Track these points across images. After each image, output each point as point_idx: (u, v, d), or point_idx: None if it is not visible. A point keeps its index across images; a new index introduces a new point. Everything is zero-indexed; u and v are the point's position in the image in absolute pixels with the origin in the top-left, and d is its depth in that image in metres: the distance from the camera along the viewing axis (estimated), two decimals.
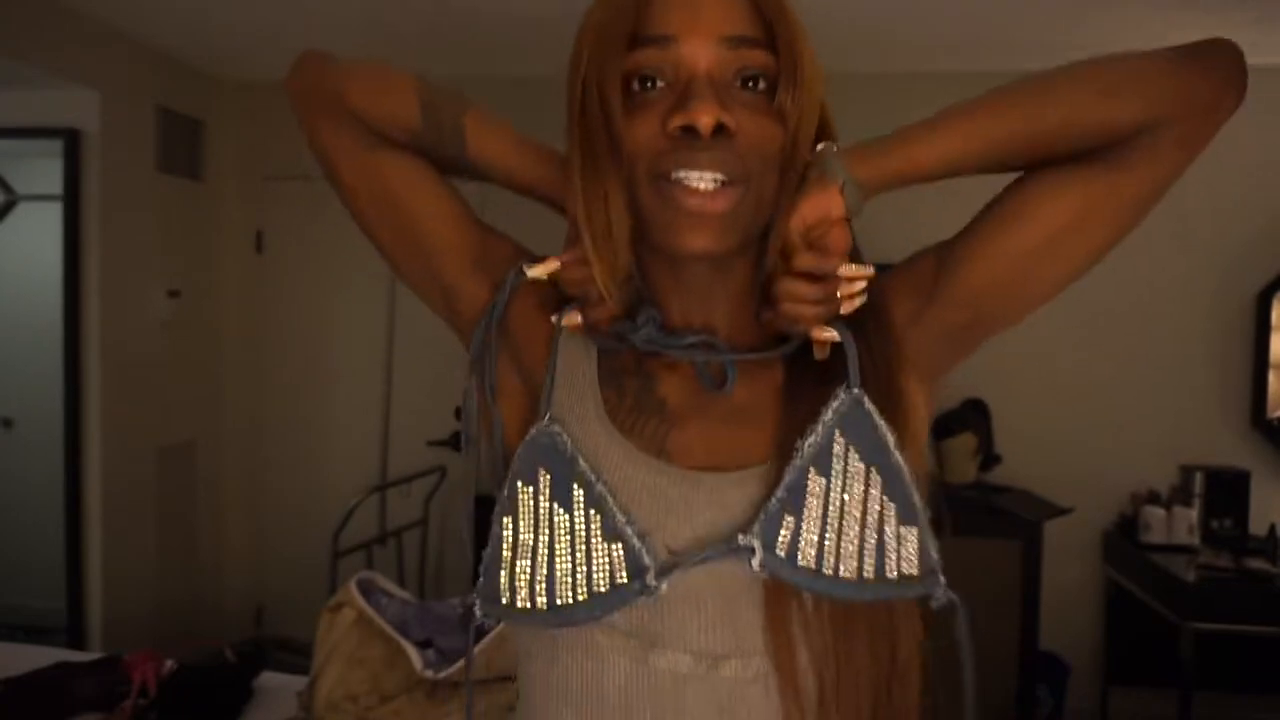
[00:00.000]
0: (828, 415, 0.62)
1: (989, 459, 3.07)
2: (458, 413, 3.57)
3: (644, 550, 0.61)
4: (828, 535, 0.60)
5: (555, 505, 0.64)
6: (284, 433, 3.67)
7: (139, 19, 2.93)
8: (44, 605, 3.57)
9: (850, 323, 0.66)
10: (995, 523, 2.77)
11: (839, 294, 0.64)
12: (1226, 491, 3.00)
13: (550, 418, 0.67)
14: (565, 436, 0.66)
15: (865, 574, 0.60)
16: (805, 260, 0.63)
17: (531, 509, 0.65)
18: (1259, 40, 2.86)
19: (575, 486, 0.64)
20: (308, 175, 3.68)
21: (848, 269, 0.64)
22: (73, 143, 2.93)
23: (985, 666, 2.79)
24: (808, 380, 0.66)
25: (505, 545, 0.65)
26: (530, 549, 0.64)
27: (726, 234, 0.62)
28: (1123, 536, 3.04)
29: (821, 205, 0.62)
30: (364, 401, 3.57)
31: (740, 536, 0.60)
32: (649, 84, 0.62)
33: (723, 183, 0.60)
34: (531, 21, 2.89)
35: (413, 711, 1.39)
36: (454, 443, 3.53)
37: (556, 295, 0.70)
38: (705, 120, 0.58)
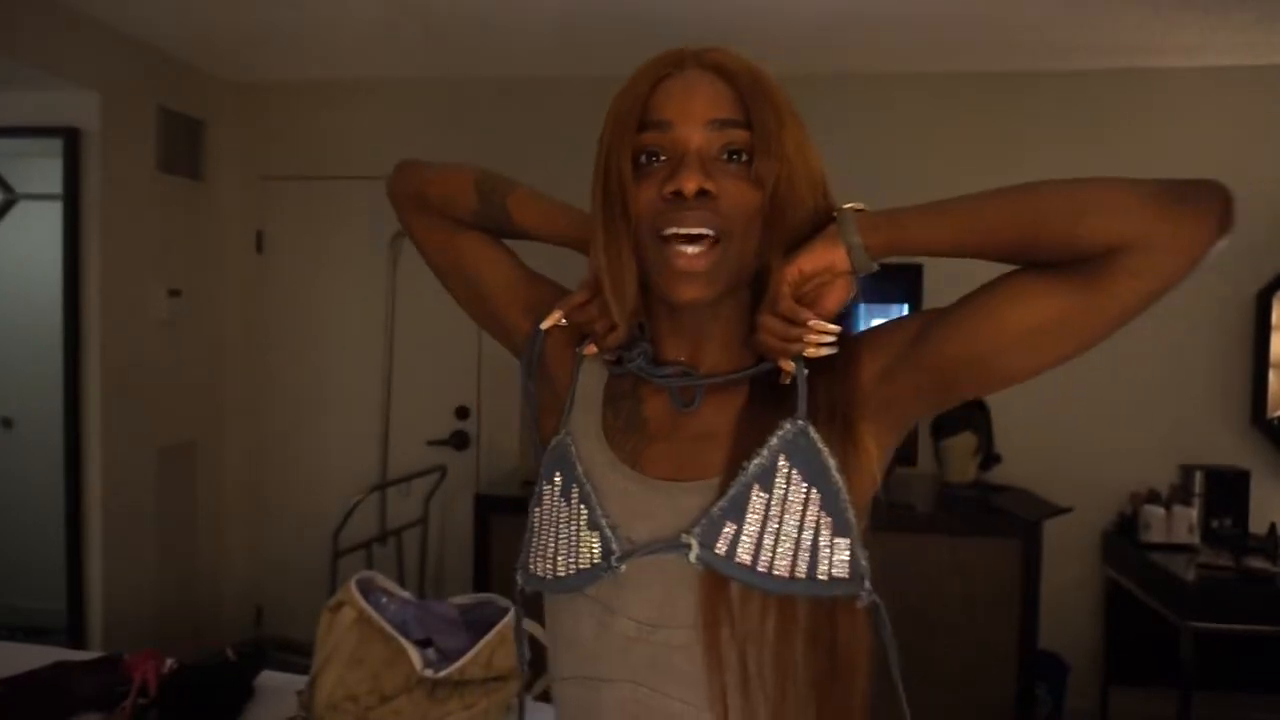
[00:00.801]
0: (773, 440, 0.75)
1: (989, 459, 3.07)
2: (458, 412, 3.58)
3: (613, 539, 0.78)
4: (765, 539, 0.73)
5: (561, 500, 0.83)
6: (284, 433, 3.67)
7: (139, 19, 2.93)
8: (44, 605, 3.57)
9: (818, 364, 0.77)
10: (995, 522, 2.77)
11: (807, 339, 0.75)
12: (1226, 491, 3.00)
13: (566, 431, 0.86)
14: (574, 446, 0.84)
15: (797, 573, 0.73)
16: (785, 305, 0.75)
17: (549, 502, 0.84)
18: (1259, 40, 2.86)
19: (574, 487, 0.82)
20: (308, 175, 3.71)
21: (817, 323, 0.75)
22: (73, 142, 2.93)
23: (984, 666, 2.80)
24: (765, 407, 0.79)
25: (533, 529, 0.85)
26: (547, 531, 0.83)
27: (710, 285, 0.76)
28: (1122, 536, 3.04)
29: (824, 259, 0.75)
30: (364, 401, 3.57)
31: (683, 535, 0.75)
32: (653, 159, 0.77)
33: (708, 239, 0.75)
34: (530, 23, 2.89)
35: (413, 711, 1.39)
36: (454, 442, 3.54)
37: (580, 331, 0.88)
38: (690, 186, 0.73)
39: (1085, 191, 0.69)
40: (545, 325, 0.87)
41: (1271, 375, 3.09)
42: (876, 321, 0.87)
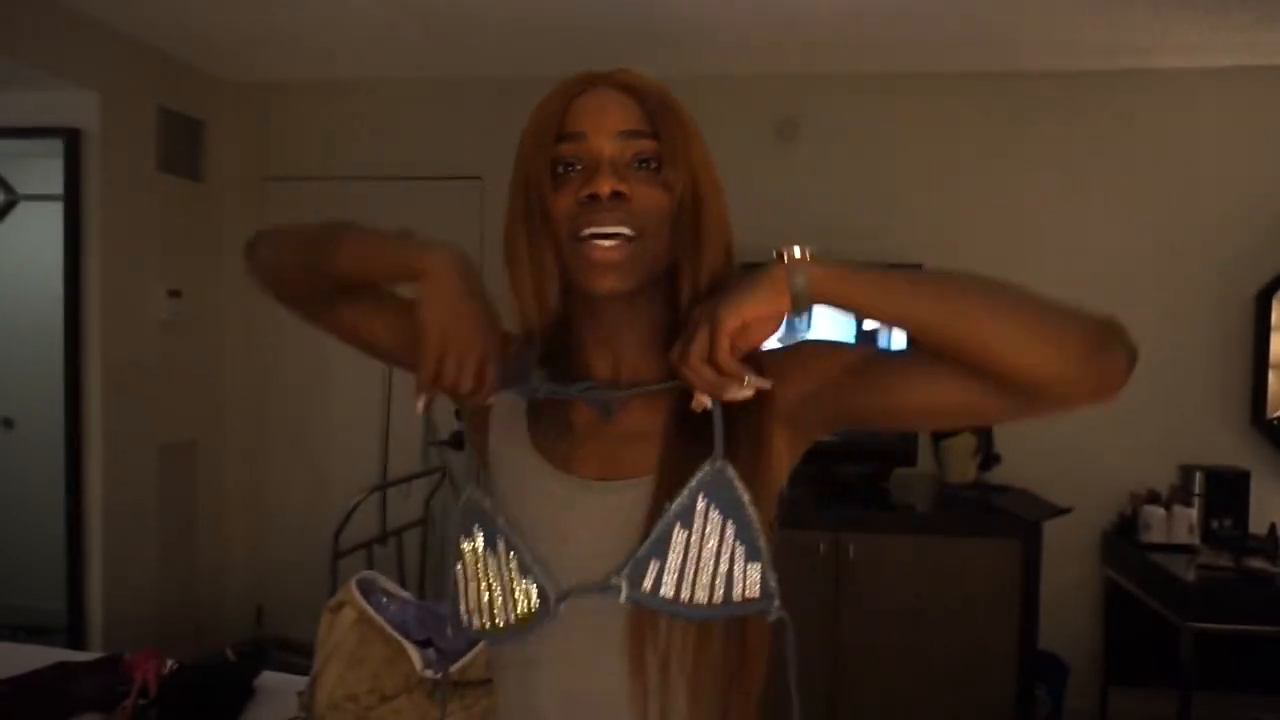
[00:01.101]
0: (693, 482, 0.80)
1: (988, 459, 3.07)
2: (458, 413, 3.57)
3: (549, 585, 0.83)
4: (687, 571, 0.80)
5: (487, 551, 0.86)
6: (284, 433, 3.67)
7: (139, 19, 2.93)
8: (45, 605, 3.57)
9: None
10: (994, 523, 2.77)
11: (732, 391, 0.77)
12: (1226, 491, 3.00)
13: (475, 488, 0.88)
14: (488, 500, 0.87)
15: (715, 600, 0.79)
16: (723, 359, 0.76)
17: (471, 557, 0.87)
18: (1259, 40, 2.86)
19: (498, 537, 0.85)
20: (308, 175, 3.70)
21: (753, 381, 0.77)
22: (73, 143, 2.94)
23: (984, 666, 2.80)
24: (688, 428, 0.82)
25: (458, 584, 0.88)
26: (477, 584, 0.86)
27: (626, 278, 0.81)
28: (1122, 536, 3.04)
29: (768, 308, 0.75)
30: (364, 401, 3.57)
31: (613, 579, 0.81)
32: (569, 169, 0.82)
33: (624, 237, 0.80)
34: (530, 23, 2.89)
35: (413, 711, 1.39)
36: (454, 443, 3.54)
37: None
38: (604, 189, 0.79)
39: (1016, 327, 0.73)
40: (420, 409, 0.85)
41: (1271, 375, 3.09)
42: (815, 336, 0.93)
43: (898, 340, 3.09)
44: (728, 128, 3.40)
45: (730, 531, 0.80)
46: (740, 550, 0.80)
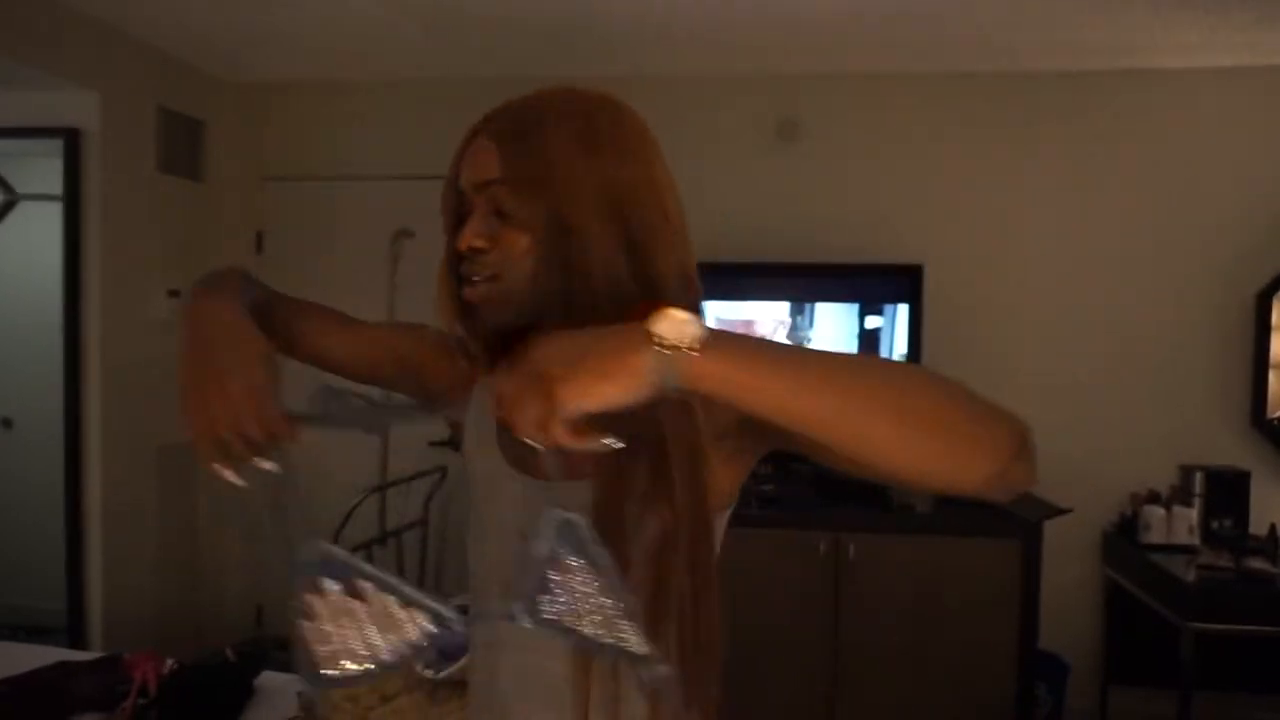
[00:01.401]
0: (547, 529, 0.73)
1: None
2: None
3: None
4: (572, 607, 0.72)
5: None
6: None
7: (139, 19, 2.93)
8: (45, 605, 3.57)
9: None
10: (995, 522, 2.77)
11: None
12: (1226, 491, 3.00)
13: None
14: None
15: (603, 640, 0.73)
16: (558, 437, 0.67)
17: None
18: (1259, 40, 2.86)
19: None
20: (308, 175, 3.70)
21: (599, 446, 0.69)
22: (73, 143, 2.93)
23: (984, 666, 2.80)
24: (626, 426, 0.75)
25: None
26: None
27: (492, 313, 0.87)
28: (1122, 536, 3.04)
29: (618, 397, 0.65)
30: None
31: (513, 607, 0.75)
32: (466, 213, 0.89)
33: (486, 277, 0.86)
34: (531, 23, 2.89)
35: (413, 711, 1.39)
36: (454, 443, 3.53)
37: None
38: (462, 244, 0.86)
39: (927, 453, 0.67)
40: (229, 478, 0.84)
41: (1271, 376, 3.09)
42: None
43: (899, 347, 3.09)
44: (728, 128, 3.40)
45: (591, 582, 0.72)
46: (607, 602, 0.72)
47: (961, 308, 3.20)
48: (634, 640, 0.73)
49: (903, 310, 3.09)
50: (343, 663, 0.79)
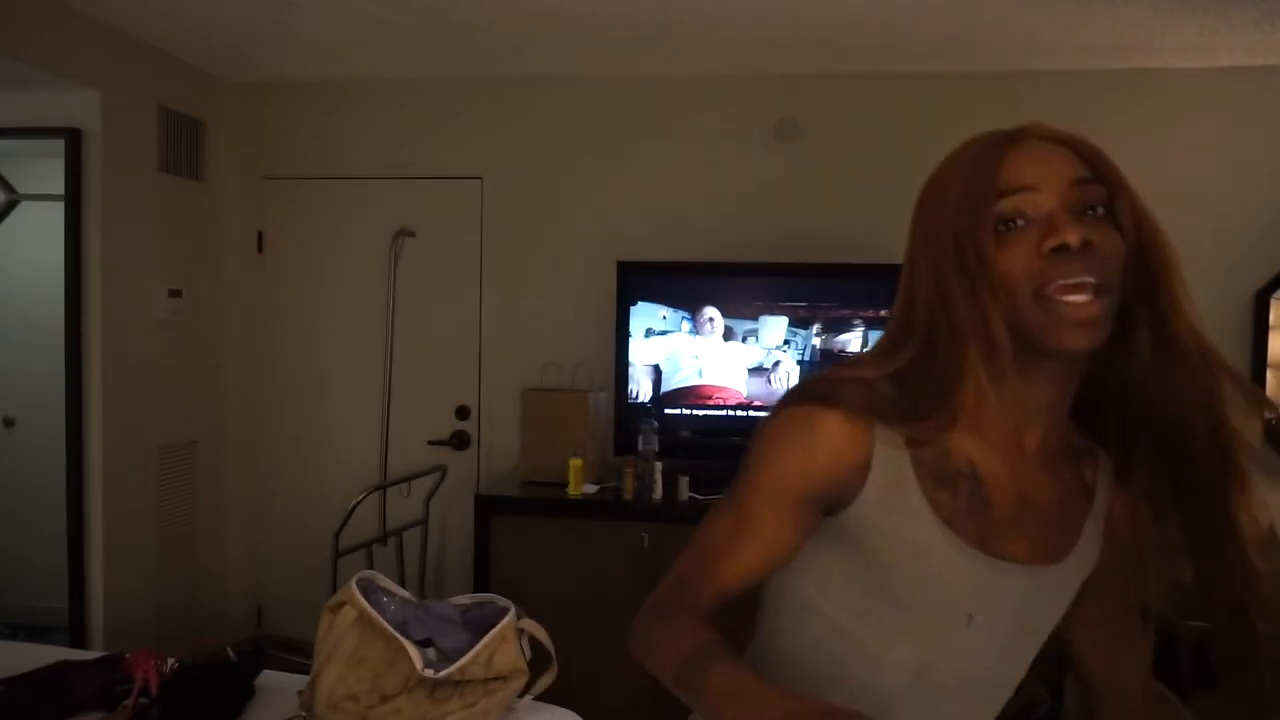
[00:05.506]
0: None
1: None
2: (458, 412, 3.58)
3: None
4: None
5: None
6: (284, 433, 3.67)
7: (139, 19, 2.94)
8: (46, 604, 3.58)
9: None
10: None
11: None
12: None
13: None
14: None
15: None
16: None
17: None
18: (1258, 40, 2.86)
19: None
20: (308, 175, 3.70)
21: None
22: (74, 142, 2.94)
23: None
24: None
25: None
26: None
27: (1100, 332, 0.77)
28: None
29: None
30: (364, 401, 3.58)
31: None
32: (1010, 225, 0.78)
33: (1094, 288, 0.75)
34: (529, 23, 2.89)
35: (413, 711, 1.39)
36: (454, 442, 3.54)
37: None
38: (1073, 238, 0.74)
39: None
40: None
41: (1270, 375, 3.09)
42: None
43: None
44: (728, 128, 3.40)
45: None
46: None
47: None
48: None
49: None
50: None
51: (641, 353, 3.15)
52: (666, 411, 3.11)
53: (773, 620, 0.92)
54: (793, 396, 0.85)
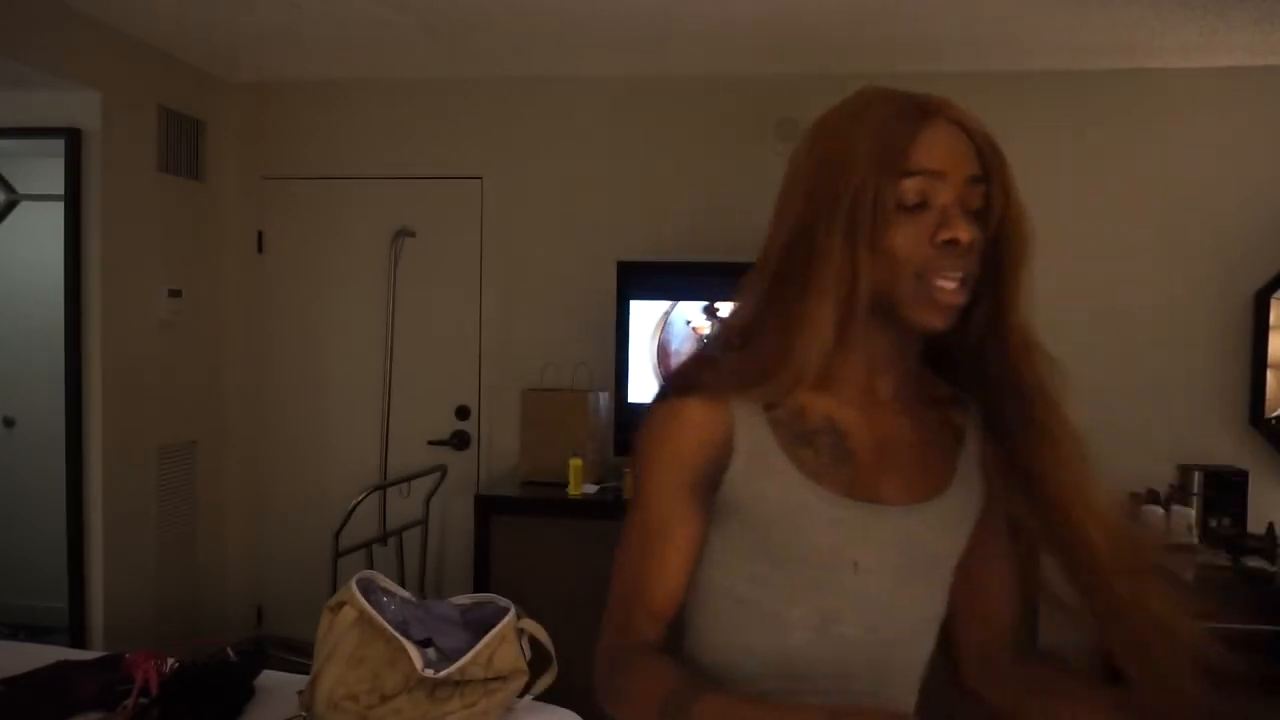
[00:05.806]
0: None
1: None
2: (458, 412, 3.58)
3: None
4: None
5: None
6: (284, 433, 3.67)
7: (140, 19, 2.94)
8: (46, 604, 3.58)
9: None
10: None
11: None
12: (1225, 490, 3.00)
13: None
14: None
15: None
16: None
17: None
18: (1258, 40, 2.86)
19: None
20: (308, 175, 3.70)
21: None
22: (74, 142, 2.94)
23: None
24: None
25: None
26: None
27: (954, 317, 0.83)
28: None
29: None
30: (364, 401, 3.58)
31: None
32: (911, 206, 0.81)
33: (963, 279, 0.82)
34: (528, 23, 2.89)
35: (413, 711, 1.39)
36: (454, 442, 3.54)
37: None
38: (965, 237, 0.80)
39: None
40: None
41: (1270, 375, 3.09)
42: None
43: None
44: (728, 128, 3.40)
45: None
46: None
47: None
48: None
49: None
50: None
51: (642, 352, 3.15)
52: None
53: (689, 613, 0.94)
54: (655, 398, 0.90)
